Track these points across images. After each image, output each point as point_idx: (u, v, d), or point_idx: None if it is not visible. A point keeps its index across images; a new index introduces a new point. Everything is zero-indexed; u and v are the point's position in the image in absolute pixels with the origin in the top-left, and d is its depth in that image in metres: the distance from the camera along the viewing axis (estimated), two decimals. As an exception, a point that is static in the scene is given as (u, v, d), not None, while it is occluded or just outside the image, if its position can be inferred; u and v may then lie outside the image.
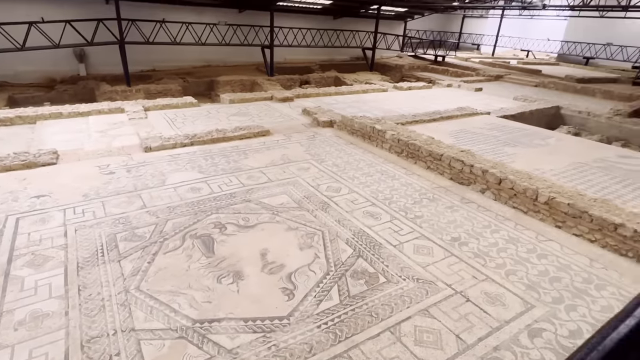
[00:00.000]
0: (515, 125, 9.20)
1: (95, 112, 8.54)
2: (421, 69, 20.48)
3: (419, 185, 5.70)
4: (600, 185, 5.82)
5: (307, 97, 11.52)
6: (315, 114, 8.96)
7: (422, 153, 6.40)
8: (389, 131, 7.11)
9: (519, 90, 14.46)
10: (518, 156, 6.92)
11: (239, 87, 15.45)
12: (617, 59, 22.23)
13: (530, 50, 28.10)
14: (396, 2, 19.31)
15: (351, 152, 6.93)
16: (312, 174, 5.90)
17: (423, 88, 14.32)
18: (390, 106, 10.80)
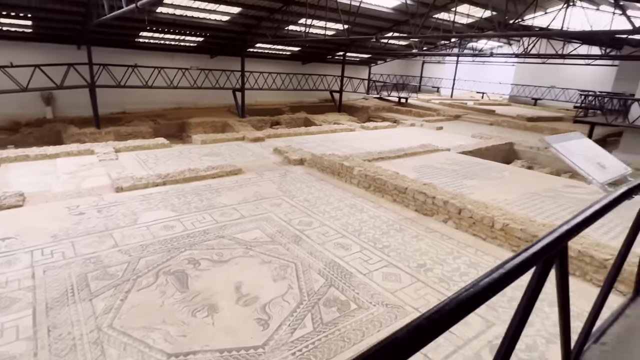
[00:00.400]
0: (473, 160, 9.88)
1: (63, 154, 8.47)
2: (386, 109, 21.63)
3: (386, 217, 6.00)
4: (549, 211, 6.34)
5: (278, 137, 11.91)
6: (286, 153, 9.28)
7: (388, 187, 6.78)
8: (356, 167, 7.49)
9: (476, 129, 15.55)
10: (476, 188, 7.44)
11: (211, 128, 15.71)
12: (560, 99, 24.46)
13: (484, 93, 30.44)
14: (360, 49, 20.69)
15: (321, 188, 7.21)
16: (284, 209, 6.09)
17: (388, 127, 15.12)
18: (358, 144, 11.34)
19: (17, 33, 13.44)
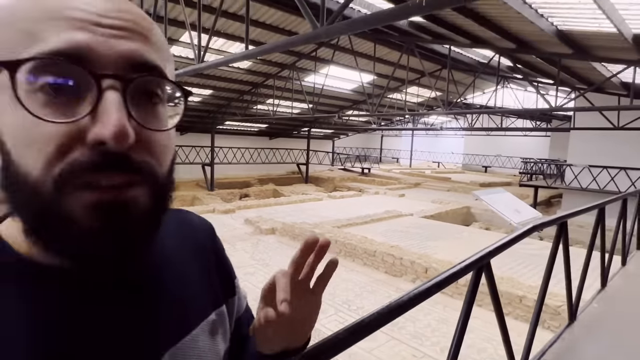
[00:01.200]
0: (434, 223, 10.53)
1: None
2: (351, 180, 22.71)
3: (358, 279, 6.24)
4: (507, 266, 6.85)
5: (249, 208, 12.17)
6: (257, 223, 9.50)
7: (358, 251, 7.10)
8: (326, 234, 7.82)
9: (435, 195, 16.63)
10: (439, 248, 7.92)
11: (179, 202, 15.73)
12: (507, 166, 26.86)
13: (440, 162, 32.86)
14: (324, 125, 22.26)
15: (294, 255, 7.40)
16: (258, 277, 6.19)
17: (354, 196, 15.85)
18: (327, 213, 11.79)
19: None
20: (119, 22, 0.36)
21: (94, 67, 0.34)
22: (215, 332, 0.53)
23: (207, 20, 7.38)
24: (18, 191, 0.35)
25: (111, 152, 0.33)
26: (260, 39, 9.69)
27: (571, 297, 2.46)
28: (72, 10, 0.34)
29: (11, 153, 0.34)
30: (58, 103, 0.33)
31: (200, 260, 0.55)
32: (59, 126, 0.33)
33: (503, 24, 6.85)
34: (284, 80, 13.36)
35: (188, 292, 0.51)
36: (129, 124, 0.34)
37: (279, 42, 3.50)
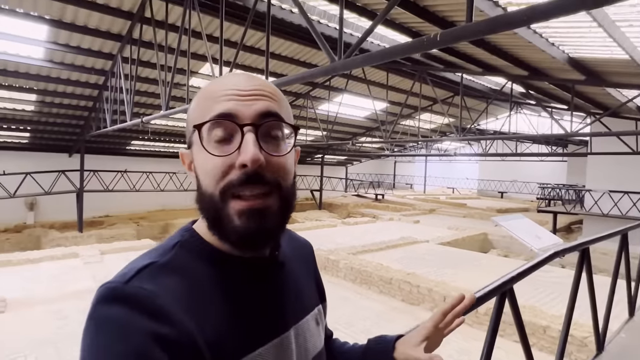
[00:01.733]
0: (451, 250, 10.35)
1: (47, 258, 8.41)
2: (364, 206, 22.63)
3: (375, 307, 6.13)
4: (528, 294, 6.65)
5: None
6: (272, 249, 9.50)
7: (373, 278, 7.02)
8: (342, 261, 7.77)
9: (451, 221, 16.40)
10: (457, 276, 7.75)
11: (194, 228, 15.86)
12: (524, 192, 26.40)
13: (454, 188, 32.51)
14: (337, 152, 22.47)
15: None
16: (274, 304, 6.15)
17: (368, 222, 15.75)
18: (341, 239, 11.73)
19: (12, 143, 14.17)
20: (253, 91, 0.59)
21: (239, 120, 0.56)
22: (318, 322, 0.73)
23: (225, 52, 7.72)
24: (203, 202, 0.58)
25: (250, 172, 0.54)
26: (276, 70, 10.04)
27: (597, 327, 2.39)
28: (226, 90, 0.58)
29: (200, 179, 0.58)
30: (221, 145, 0.56)
31: (306, 267, 0.78)
32: (221, 159, 0.55)
33: (514, 53, 6.97)
34: (298, 108, 13.68)
35: (303, 286, 0.72)
36: (260, 153, 0.55)
37: (298, 75, 3.66)
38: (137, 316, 0.47)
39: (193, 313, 0.52)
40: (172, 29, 6.55)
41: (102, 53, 8.49)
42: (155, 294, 0.50)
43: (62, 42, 7.94)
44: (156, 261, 0.55)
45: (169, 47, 6.51)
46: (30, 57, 8.44)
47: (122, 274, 0.53)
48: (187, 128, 0.62)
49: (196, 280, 0.56)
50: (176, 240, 0.60)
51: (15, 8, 6.65)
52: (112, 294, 0.50)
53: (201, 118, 0.58)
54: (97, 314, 0.48)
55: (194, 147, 0.60)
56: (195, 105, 0.61)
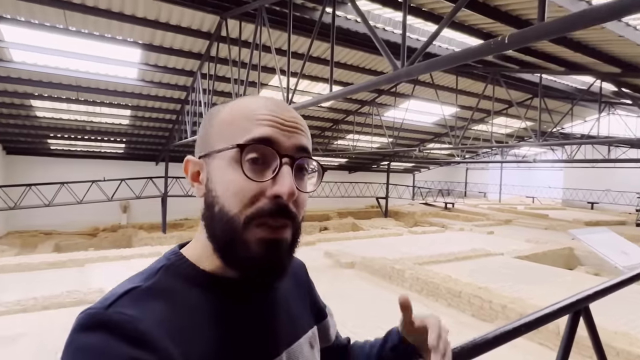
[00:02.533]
0: (529, 265, 9.52)
1: (137, 255, 9.41)
2: (433, 215, 21.78)
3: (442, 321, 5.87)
4: (627, 318, 5.87)
5: (328, 241, 12.36)
6: (336, 256, 9.59)
7: (441, 290, 6.73)
8: (407, 270, 7.58)
9: (530, 233, 15.09)
10: (535, 293, 7.11)
11: (263, 233, 16.61)
12: (619, 202, 23.33)
13: (534, 197, 29.84)
14: (404, 159, 22.00)
15: (372, 291, 7.28)
16: (336, 310, 6.17)
17: (437, 232, 15.14)
18: (407, 249, 11.42)
19: (111, 154, 16.19)
20: (292, 124, 0.59)
21: (279, 149, 0.56)
22: (313, 345, 0.71)
23: (292, 64, 8.06)
24: (218, 222, 0.56)
25: (282, 204, 0.55)
26: (341, 79, 10.20)
27: None
28: (269, 116, 0.58)
29: (219, 197, 0.56)
30: (256, 170, 0.55)
31: (300, 289, 0.77)
32: (256, 184, 0.54)
33: (603, 48, 6.30)
34: (364, 116, 13.71)
35: (295, 308, 0.71)
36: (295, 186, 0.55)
37: (361, 84, 3.71)
38: (118, 343, 0.46)
39: (177, 339, 0.50)
40: (245, 45, 7.01)
41: (184, 71, 9.37)
42: (138, 319, 0.48)
43: (152, 63, 8.92)
44: (139, 285, 0.53)
45: (241, 62, 6.98)
46: (126, 78, 9.60)
47: (103, 299, 0.51)
48: (206, 136, 0.60)
49: (181, 305, 0.54)
50: (161, 264, 0.59)
51: (116, 36, 7.63)
52: (92, 321, 0.48)
53: (238, 136, 0.56)
54: (77, 342, 0.47)
55: (216, 161, 0.57)
56: (230, 119, 0.59)
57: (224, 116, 0.60)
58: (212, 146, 0.58)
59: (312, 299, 0.81)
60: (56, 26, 7.11)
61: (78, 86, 9.87)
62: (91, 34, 7.40)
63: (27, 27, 7.07)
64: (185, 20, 7.32)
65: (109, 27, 7.29)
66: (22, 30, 7.17)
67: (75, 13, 6.72)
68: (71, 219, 15.35)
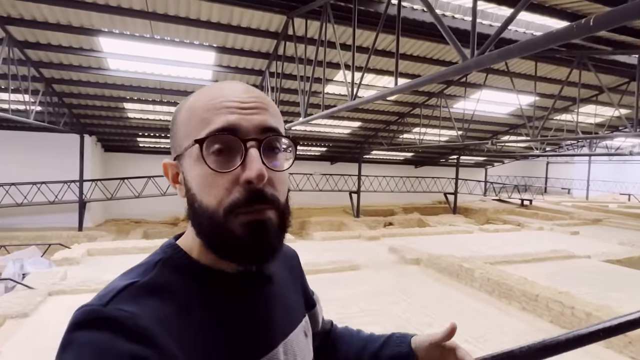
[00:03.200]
0: (622, 270, 8.50)
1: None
2: (507, 212, 20.33)
3: (515, 326, 5.52)
4: None
5: (393, 236, 12.20)
6: (401, 252, 9.44)
7: (515, 293, 6.31)
8: (477, 270, 7.22)
9: (624, 235, 13.41)
10: (626, 301, 6.35)
11: (328, 226, 16.88)
12: None
13: (630, 194, 26.36)
14: (474, 152, 20.80)
15: (439, 289, 7.06)
16: (401, 307, 6.13)
17: (511, 231, 14.14)
18: (477, 247, 10.85)
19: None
20: (252, 104, 0.57)
21: (241, 134, 0.54)
22: (307, 334, 0.72)
23: (357, 59, 8.04)
24: (200, 218, 0.55)
25: (255, 189, 0.53)
26: (407, 71, 9.93)
27: None
28: (226, 102, 0.56)
29: (195, 194, 0.55)
30: (222, 160, 0.54)
31: (293, 278, 0.77)
32: (225, 175, 0.54)
33: None
34: (431, 108, 13.22)
35: (290, 299, 0.71)
36: (264, 168, 0.54)
37: (426, 77, 3.59)
38: (118, 339, 0.45)
39: (176, 334, 0.50)
40: (310, 42, 7.15)
41: (254, 70, 9.83)
42: (137, 316, 0.48)
43: (224, 64, 9.49)
44: (136, 281, 0.53)
45: (307, 59, 7.14)
46: (202, 79, 10.33)
47: (100, 295, 0.51)
48: (175, 137, 0.59)
49: (179, 299, 0.53)
50: (158, 258, 0.58)
51: (193, 41, 8.25)
52: (91, 317, 0.47)
53: (199, 130, 0.55)
54: (75, 339, 0.46)
55: (186, 159, 0.57)
56: (189, 114, 0.57)
57: (184, 113, 0.59)
58: (181, 146, 0.58)
59: (304, 287, 0.81)
60: (144, 35, 7.89)
61: (162, 89, 10.88)
62: (172, 41, 8.10)
63: (120, 38, 7.95)
64: (255, 22, 7.67)
65: (187, 33, 7.91)
66: (116, 41, 8.09)
67: (159, 22, 7.40)
68: (156, 209, 16.99)
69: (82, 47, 8.42)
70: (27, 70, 8.87)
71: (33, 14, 7.22)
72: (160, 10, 7.14)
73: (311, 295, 0.85)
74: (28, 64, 8.83)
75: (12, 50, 7.98)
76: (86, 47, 8.41)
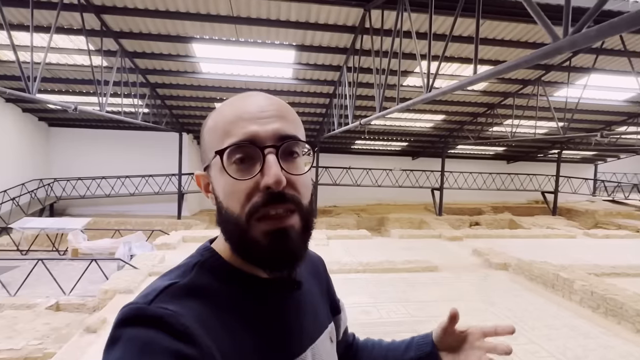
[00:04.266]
0: None
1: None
2: (623, 215, 17.48)
3: (625, 350, 4.71)
4: None
5: (478, 237, 11.33)
6: (487, 255, 8.71)
7: (627, 312, 5.38)
8: (578, 281, 6.32)
9: None
10: None
11: (407, 224, 16.34)
12: None
13: None
14: (580, 146, 18.25)
15: (529, 299, 6.34)
16: (483, 315, 5.64)
17: (626, 237, 12.12)
18: (580, 255, 9.52)
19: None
20: (271, 112, 0.59)
21: (259, 143, 0.57)
22: (332, 340, 0.74)
23: (435, 47, 7.55)
24: (228, 224, 0.59)
25: (274, 193, 0.55)
26: (497, 58, 9.07)
27: None
28: (246, 113, 0.59)
29: (222, 202, 0.59)
30: (243, 168, 0.57)
31: (319, 284, 0.78)
32: (245, 182, 0.56)
33: None
34: (526, 97, 11.90)
35: (317, 304, 0.73)
36: (282, 173, 0.56)
37: (509, 64, 3.14)
38: (162, 336, 0.48)
39: (213, 334, 0.52)
40: (386, 34, 6.91)
41: (332, 66, 9.87)
42: (180, 314, 0.50)
43: (303, 62, 9.70)
44: (177, 282, 0.56)
45: (383, 52, 6.92)
46: (283, 77, 10.71)
47: (143, 294, 0.54)
48: (203, 150, 0.63)
49: (216, 301, 0.56)
50: (196, 260, 0.61)
51: (274, 41, 8.57)
52: (136, 315, 0.50)
53: (222, 141, 0.58)
54: (121, 335, 0.48)
55: (213, 170, 0.60)
56: (212, 127, 0.61)
57: (210, 125, 0.62)
58: (208, 157, 0.61)
59: (330, 293, 0.83)
60: (230, 39, 8.42)
61: (247, 89, 11.54)
62: (255, 42, 8.51)
63: (210, 43, 8.61)
64: (332, 18, 7.67)
65: (268, 34, 8.23)
66: (207, 46, 8.78)
67: (243, 26, 7.83)
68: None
69: (179, 54, 9.32)
70: (136, 77, 10.12)
71: (140, 27, 8.18)
72: (243, 14, 7.54)
73: (337, 301, 0.86)
74: (137, 71, 10.07)
75: (124, 60, 9.16)
76: (182, 53, 9.28)
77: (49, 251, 10.69)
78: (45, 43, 6.87)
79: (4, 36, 7.56)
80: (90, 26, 7.75)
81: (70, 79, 10.93)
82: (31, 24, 6.13)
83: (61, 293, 7.24)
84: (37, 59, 6.61)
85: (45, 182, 15.36)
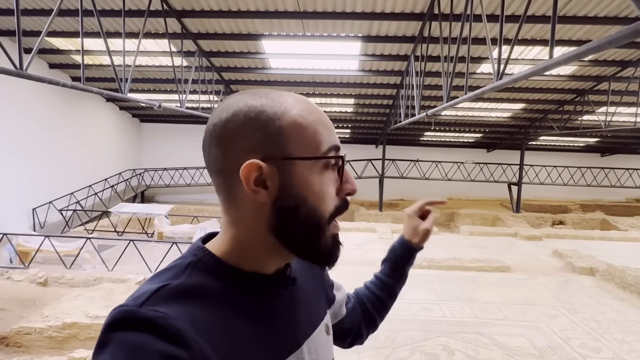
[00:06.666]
0: None
1: (354, 229, 10.57)
2: None
3: None
4: None
5: (561, 238, 10.31)
6: (570, 258, 7.90)
7: None
8: (683, 293, 5.47)
9: None
10: None
11: (479, 220, 15.41)
12: None
13: None
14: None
15: (619, 310, 5.64)
16: (560, 323, 5.16)
17: None
18: (691, 263, 8.17)
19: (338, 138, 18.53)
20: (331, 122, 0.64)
21: (340, 152, 0.61)
22: (328, 331, 0.75)
23: (508, 30, 6.94)
24: (302, 223, 0.58)
25: (348, 200, 0.62)
26: (589, 37, 8.07)
27: None
28: (325, 119, 0.61)
29: (307, 202, 0.57)
30: (331, 174, 0.60)
31: (314, 277, 0.78)
32: (335, 186, 0.60)
33: None
34: (624, 81, 10.42)
35: (312, 297, 0.74)
36: None
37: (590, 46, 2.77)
38: (153, 339, 0.46)
39: (207, 336, 0.51)
40: (455, 19, 6.53)
41: (398, 56, 9.60)
42: (171, 317, 0.49)
43: (369, 53, 9.57)
44: (169, 283, 0.54)
45: (451, 39, 6.56)
46: (349, 70, 10.69)
47: (134, 297, 0.52)
48: (269, 137, 0.56)
49: (210, 302, 0.55)
50: (189, 260, 0.59)
51: (340, 33, 8.57)
52: (126, 318, 0.48)
53: (318, 143, 0.58)
54: (111, 339, 0.47)
55: (298, 167, 0.56)
56: (303, 123, 0.57)
57: (297, 119, 0.57)
58: (288, 151, 0.56)
59: (324, 284, 0.84)
60: (297, 34, 8.61)
61: (314, 82, 11.72)
62: (321, 36, 8.59)
63: (278, 39, 8.90)
64: (399, 6, 7.44)
65: (334, 27, 8.26)
66: (275, 42, 9.08)
67: (310, 20, 7.95)
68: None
69: (250, 51, 9.77)
70: (212, 75, 10.84)
71: (215, 28, 8.73)
72: (309, 9, 7.65)
73: (331, 286, 0.89)
74: (212, 69, 10.78)
75: (202, 60, 9.87)
76: (253, 50, 9.72)
77: (139, 233, 12.03)
78: (135, 47, 7.68)
79: (100, 43, 8.59)
80: (172, 29, 8.46)
81: (155, 79, 12.08)
82: (123, 31, 6.88)
83: (148, 271, 8.12)
84: (128, 62, 7.41)
85: (137, 172, 17.26)
